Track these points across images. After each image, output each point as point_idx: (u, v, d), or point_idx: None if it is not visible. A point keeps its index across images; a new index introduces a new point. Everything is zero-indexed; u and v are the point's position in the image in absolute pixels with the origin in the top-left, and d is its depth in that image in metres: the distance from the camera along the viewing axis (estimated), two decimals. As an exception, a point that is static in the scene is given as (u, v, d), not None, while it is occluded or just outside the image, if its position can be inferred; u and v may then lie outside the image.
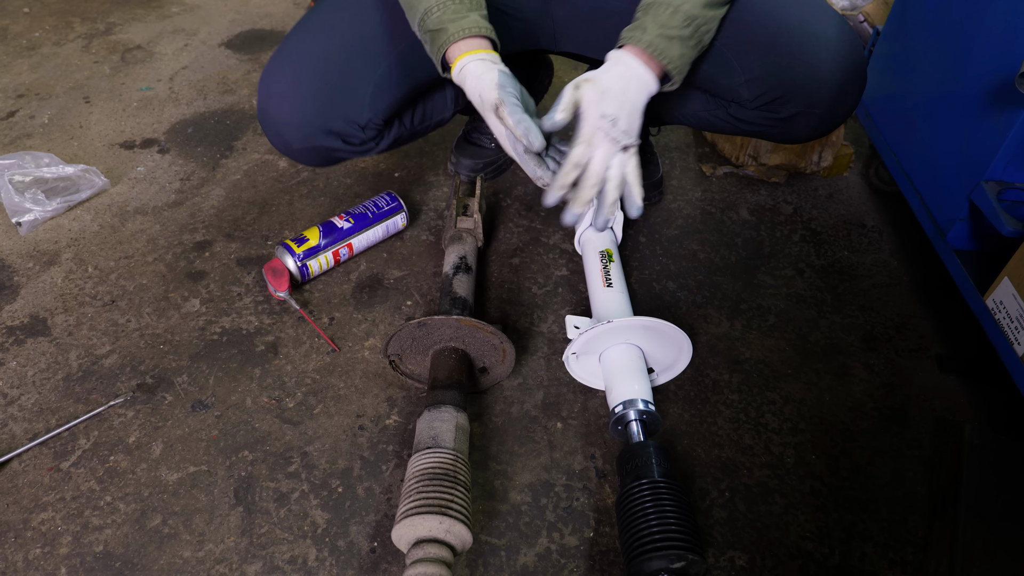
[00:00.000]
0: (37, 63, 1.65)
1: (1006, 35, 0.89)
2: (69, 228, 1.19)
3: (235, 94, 1.56)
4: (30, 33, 1.77)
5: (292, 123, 0.90)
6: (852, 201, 1.33)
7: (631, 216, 0.81)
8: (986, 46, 0.93)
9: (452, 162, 1.33)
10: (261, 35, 1.81)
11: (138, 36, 1.78)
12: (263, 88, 0.92)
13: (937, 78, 1.05)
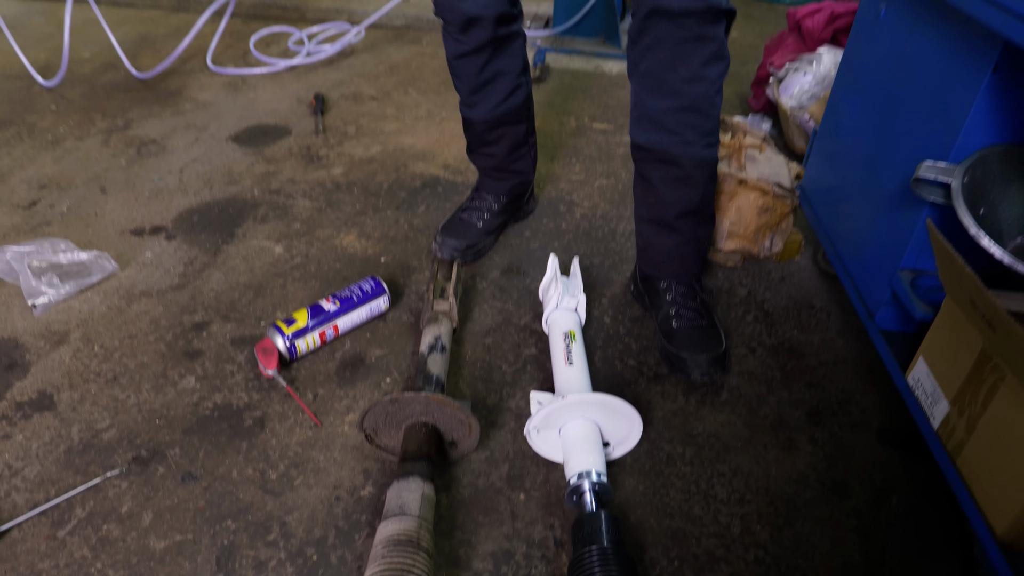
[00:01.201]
0: (60, 156, 1.78)
1: (907, 143, 1.00)
2: (79, 309, 1.27)
3: (239, 184, 1.68)
4: (55, 128, 1.91)
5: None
6: (802, 284, 1.42)
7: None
8: (893, 151, 1.04)
9: (437, 242, 1.43)
10: (265, 130, 1.95)
11: (153, 131, 1.92)
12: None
13: (860, 175, 1.15)
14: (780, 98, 1.79)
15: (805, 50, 1.86)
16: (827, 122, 1.33)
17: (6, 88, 2.15)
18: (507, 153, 1.43)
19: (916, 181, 0.90)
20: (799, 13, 1.92)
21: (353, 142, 1.90)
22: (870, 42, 1.16)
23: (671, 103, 1.09)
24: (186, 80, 2.24)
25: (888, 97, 1.08)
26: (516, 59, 1.33)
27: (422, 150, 1.87)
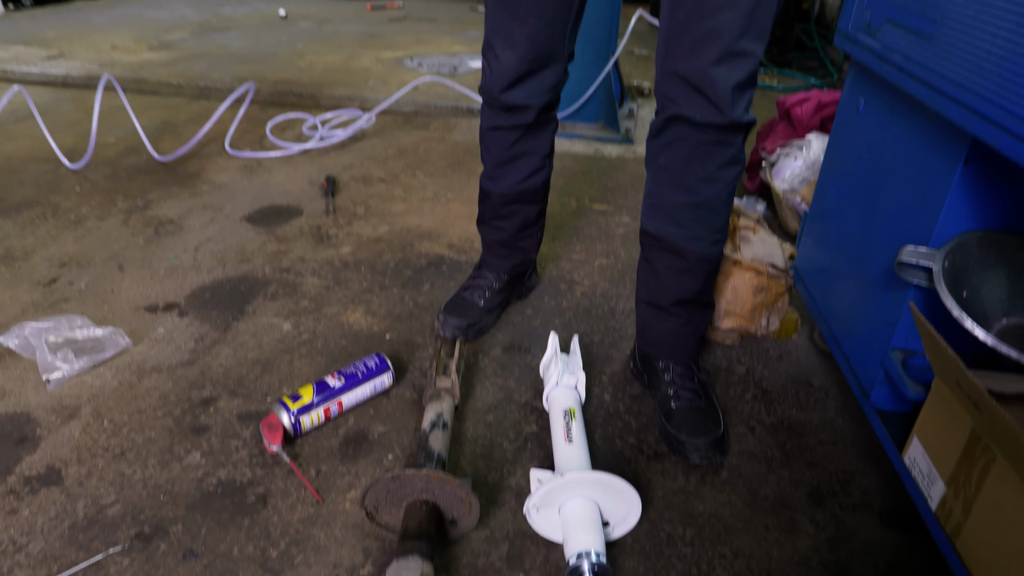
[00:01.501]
0: (81, 235, 1.85)
1: (890, 228, 1.05)
2: (91, 384, 1.30)
3: (251, 263, 1.74)
4: (78, 209, 1.99)
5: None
6: (800, 362, 1.44)
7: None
8: (878, 235, 1.09)
9: (439, 321, 1.46)
10: (278, 211, 2.02)
11: (171, 211, 1.99)
12: None
13: (849, 257, 1.19)
14: (773, 181, 1.86)
15: (795, 136, 1.94)
16: (816, 206, 1.38)
17: (35, 171, 2.25)
18: (517, 230, 1.49)
19: (899, 265, 0.94)
20: (788, 102, 2.02)
21: (362, 222, 1.97)
22: (851, 133, 1.22)
23: (685, 198, 1.15)
24: (205, 163, 2.34)
25: (871, 184, 1.13)
26: (546, 141, 1.39)
27: (428, 230, 1.93)
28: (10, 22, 4.58)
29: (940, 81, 0.87)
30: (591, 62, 2.60)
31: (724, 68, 1.00)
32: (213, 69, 3.48)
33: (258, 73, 3.41)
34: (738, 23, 0.97)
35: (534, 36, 1.18)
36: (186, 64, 3.58)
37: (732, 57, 0.99)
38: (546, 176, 1.43)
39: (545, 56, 1.22)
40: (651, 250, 1.24)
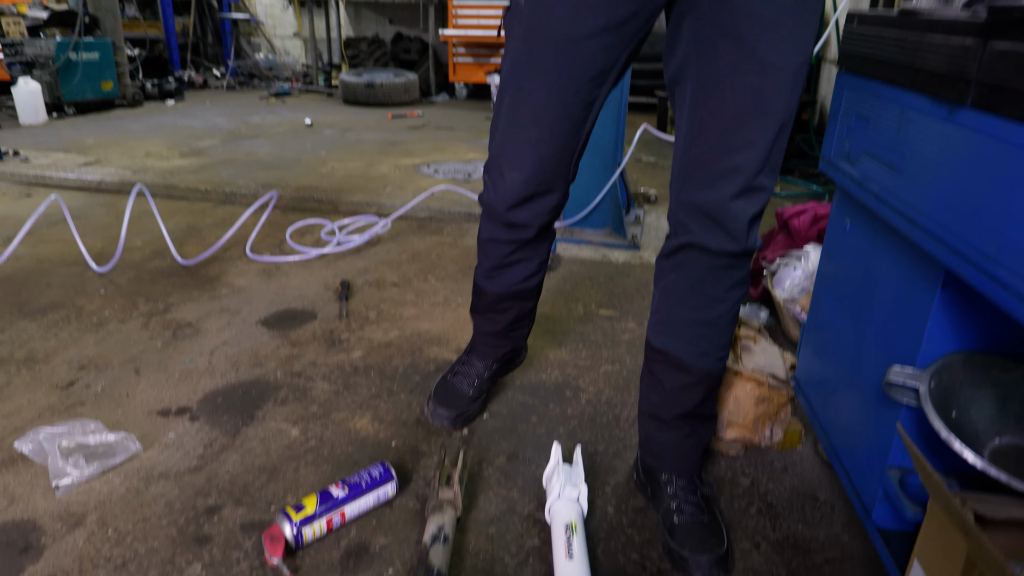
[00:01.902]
0: (102, 338, 1.92)
1: (879, 345, 1.08)
2: (99, 491, 1.33)
3: (263, 367, 1.79)
4: (101, 312, 2.08)
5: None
6: (805, 474, 1.43)
7: None
8: (869, 351, 1.12)
9: (428, 408, 1.52)
10: (293, 314, 2.10)
11: (190, 315, 2.07)
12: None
13: (844, 371, 1.22)
14: (773, 290, 1.91)
15: (794, 246, 2.01)
16: (812, 318, 1.43)
17: (63, 273, 2.36)
18: (510, 323, 1.54)
19: (888, 385, 0.97)
20: (787, 213, 2.10)
21: (373, 327, 2.03)
22: (840, 250, 1.28)
23: (692, 316, 1.20)
24: (225, 267, 2.45)
25: (860, 301, 1.18)
26: (543, 250, 1.46)
27: (437, 335, 1.99)
28: (53, 129, 4.90)
29: (913, 212, 0.93)
30: (598, 171, 2.73)
31: (742, 202, 1.07)
32: (239, 175, 3.68)
33: (282, 179, 3.60)
34: (757, 161, 1.04)
35: (543, 161, 1.23)
36: (214, 170, 3.79)
37: (750, 192, 1.06)
38: (540, 279, 1.49)
39: (551, 180, 1.28)
40: (656, 364, 1.28)
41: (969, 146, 0.80)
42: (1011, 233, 0.72)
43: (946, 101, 0.85)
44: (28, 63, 5.29)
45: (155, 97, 6.27)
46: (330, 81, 7.33)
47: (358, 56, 7.22)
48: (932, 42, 0.88)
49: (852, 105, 1.15)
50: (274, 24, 8.21)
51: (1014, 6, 0.71)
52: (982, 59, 0.77)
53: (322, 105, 6.32)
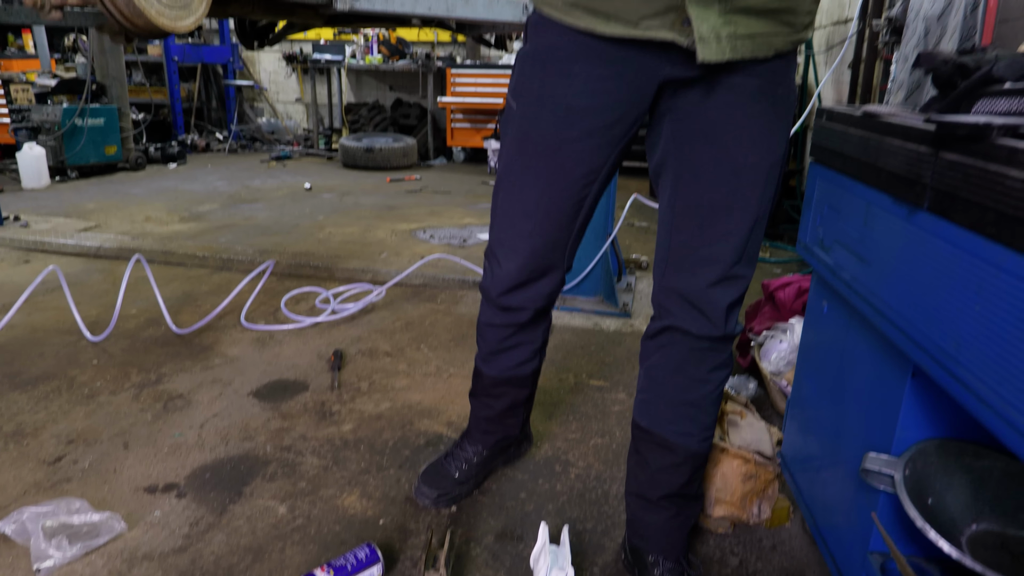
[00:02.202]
0: (92, 410, 1.93)
1: (857, 428, 1.11)
2: (80, 574, 1.32)
3: (253, 440, 1.80)
4: (93, 383, 2.10)
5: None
6: (794, 552, 1.43)
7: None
8: (847, 433, 1.14)
9: (415, 486, 1.55)
10: (285, 385, 2.11)
11: (182, 386, 2.09)
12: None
13: (825, 451, 1.24)
14: (760, 362, 1.94)
15: (780, 319, 2.05)
16: (795, 394, 1.45)
17: (56, 343, 2.38)
18: (504, 409, 1.56)
19: (864, 471, 0.98)
20: (772, 285, 2.15)
21: (365, 398, 2.04)
22: (819, 331, 1.32)
23: (676, 397, 1.24)
24: (219, 335, 2.47)
25: (838, 382, 1.21)
26: (539, 336, 1.49)
27: (428, 407, 2.00)
28: (55, 193, 5.00)
29: (881, 304, 0.97)
30: (589, 240, 2.79)
31: (720, 289, 1.13)
32: (237, 241, 3.74)
33: (279, 245, 3.66)
34: (733, 252, 1.11)
35: (536, 251, 1.29)
36: (212, 236, 3.86)
37: (727, 280, 1.13)
38: (536, 366, 1.52)
39: (544, 268, 1.33)
40: (642, 443, 1.31)
41: (927, 248, 0.84)
42: (968, 334, 0.76)
43: (906, 202, 0.90)
44: (34, 128, 5.44)
45: (158, 160, 6.41)
46: (330, 145, 7.51)
47: (358, 121, 7.42)
48: (891, 146, 0.94)
49: (824, 195, 1.21)
50: (277, 90, 8.46)
51: (960, 123, 0.76)
52: (935, 167, 0.82)
53: (322, 169, 6.46)
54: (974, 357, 0.75)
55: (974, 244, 0.75)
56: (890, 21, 2.25)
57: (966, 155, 0.76)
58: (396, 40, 7.33)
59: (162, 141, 6.87)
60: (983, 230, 0.73)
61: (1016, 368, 0.69)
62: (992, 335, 0.72)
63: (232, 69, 8.02)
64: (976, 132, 0.73)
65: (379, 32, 7.35)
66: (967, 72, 0.93)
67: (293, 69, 8.19)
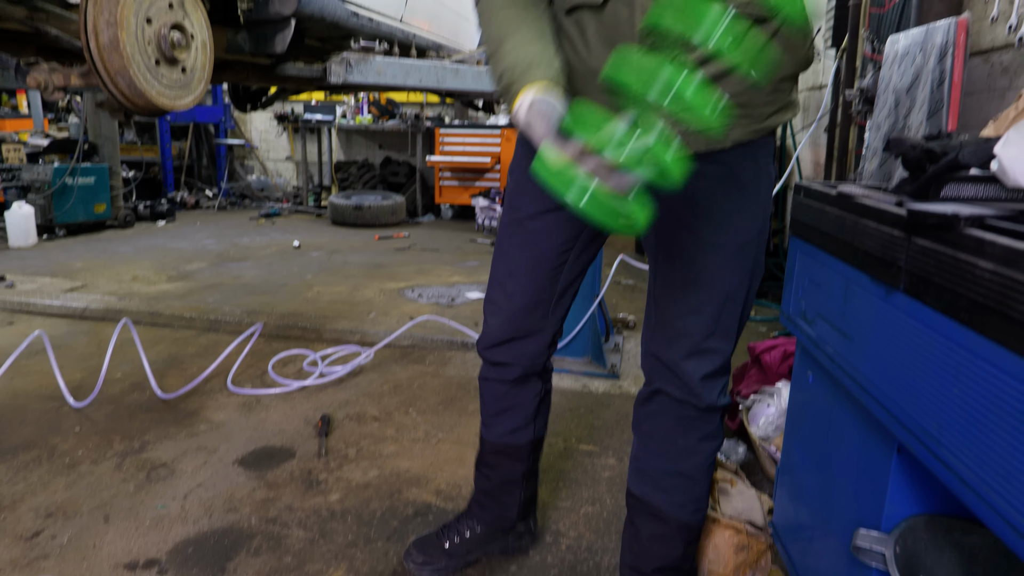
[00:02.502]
0: (73, 481, 1.89)
1: (846, 501, 1.11)
2: (57, 659, 1.27)
3: (238, 512, 1.76)
4: (74, 451, 2.06)
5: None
6: (789, 628, 1.41)
7: None
8: (837, 507, 1.14)
9: (406, 549, 1.56)
10: (271, 452, 2.09)
11: (166, 454, 2.06)
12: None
13: (817, 522, 1.24)
14: (749, 427, 1.94)
15: (766, 382, 2.07)
16: (784, 462, 1.45)
17: (38, 409, 2.35)
18: (501, 483, 1.55)
19: (855, 548, 0.99)
20: (758, 348, 2.18)
21: (352, 465, 2.02)
22: (805, 400, 1.33)
23: (668, 466, 1.27)
24: (205, 400, 2.45)
25: (825, 453, 1.22)
26: (532, 400, 1.49)
27: (417, 474, 1.98)
28: (42, 252, 4.99)
29: (863, 380, 0.99)
30: (577, 300, 2.81)
31: (693, 362, 1.17)
32: (225, 301, 3.74)
33: (267, 305, 3.66)
34: (704, 326, 1.16)
35: (517, 311, 1.35)
36: (200, 295, 3.86)
37: (700, 353, 1.17)
38: (530, 437, 1.51)
39: (527, 328, 1.37)
40: (636, 512, 1.33)
41: (905, 328, 0.87)
42: (948, 416, 0.78)
43: (883, 282, 0.93)
44: (24, 187, 5.46)
45: (147, 218, 6.44)
46: (319, 202, 7.59)
47: (348, 179, 7.52)
48: (867, 227, 0.98)
49: (805, 268, 1.24)
50: (268, 148, 8.59)
51: (930, 212, 0.80)
52: (908, 251, 0.86)
53: (311, 226, 6.51)
54: (955, 439, 0.76)
55: (950, 328, 0.78)
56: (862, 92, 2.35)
57: (937, 243, 0.80)
58: (386, 101, 7.50)
59: (152, 199, 6.91)
60: (957, 315, 0.76)
61: (995, 453, 0.70)
62: (971, 418, 0.74)
63: (224, 128, 8.15)
64: (945, 222, 0.77)
65: (370, 94, 7.53)
66: (935, 157, 0.98)
67: (284, 128, 8.33)
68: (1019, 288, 0.66)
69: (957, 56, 1.72)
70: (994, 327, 0.69)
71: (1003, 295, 0.68)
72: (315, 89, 3.28)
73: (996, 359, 0.70)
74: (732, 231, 1.13)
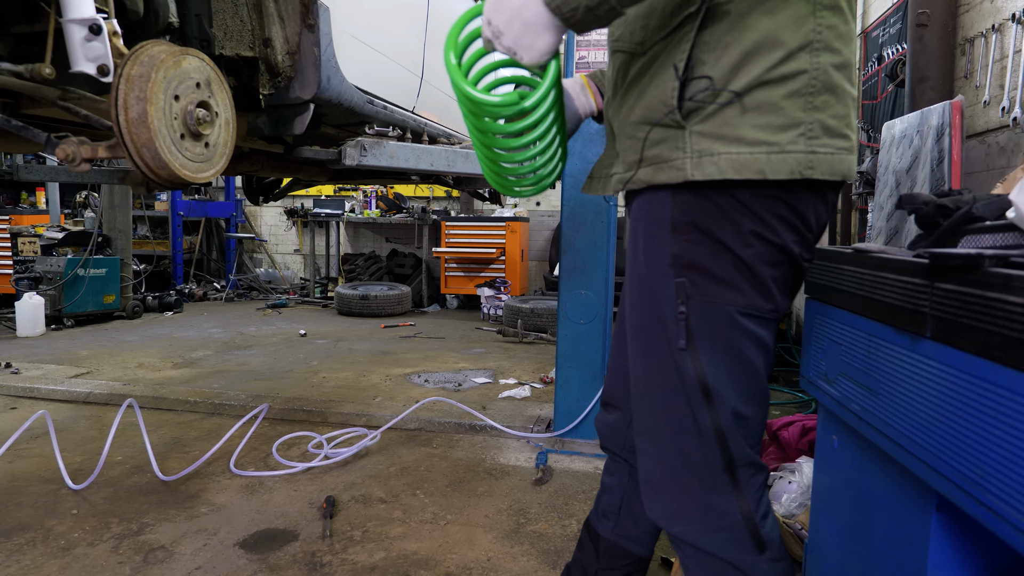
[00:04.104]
0: (67, 564, 1.81)
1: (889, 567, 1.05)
2: None
3: (238, 597, 1.67)
4: (70, 534, 1.98)
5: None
6: None
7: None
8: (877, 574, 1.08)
9: None
10: (273, 535, 2.00)
11: (164, 536, 1.97)
12: None
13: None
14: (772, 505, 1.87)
15: (786, 459, 2.01)
16: (813, 539, 1.39)
17: (36, 491, 2.27)
18: None
19: (900, 616, 0.93)
20: (775, 425, 2.13)
21: (358, 547, 1.93)
22: (832, 468, 1.29)
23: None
24: (207, 482, 2.38)
25: (857, 522, 1.16)
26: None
27: (425, 556, 1.89)
28: (49, 341, 4.99)
29: (894, 434, 0.96)
30: (587, 382, 2.79)
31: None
32: (230, 386, 3.70)
33: (272, 390, 3.61)
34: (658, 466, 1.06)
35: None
36: (205, 381, 3.82)
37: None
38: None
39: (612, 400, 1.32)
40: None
41: (936, 375, 0.86)
42: (992, 460, 0.75)
43: (908, 331, 0.92)
44: (35, 278, 5.53)
45: (155, 309, 6.47)
46: (326, 293, 7.66)
47: (354, 270, 7.62)
48: (886, 279, 0.98)
49: (823, 329, 1.24)
50: (276, 241, 8.75)
51: (952, 253, 0.81)
52: (932, 297, 0.86)
53: (317, 316, 6.53)
54: (1002, 483, 0.73)
55: (984, 369, 0.76)
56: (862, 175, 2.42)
57: (962, 284, 0.80)
58: (394, 195, 7.72)
59: (160, 290, 6.99)
60: (991, 355, 0.75)
61: (1047, 493, 0.67)
62: (1017, 459, 0.71)
63: (234, 223, 8.35)
64: (969, 262, 0.77)
65: (377, 188, 7.76)
66: (948, 212, 1.00)
67: (294, 223, 8.53)
68: (1054, 319, 0.65)
69: (955, 135, 1.78)
70: (1032, 361, 0.68)
71: (1038, 327, 0.67)
72: (327, 179, 3.38)
73: (1037, 394, 0.68)
74: (634, 265, 1.05)
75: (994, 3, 2.13)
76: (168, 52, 1.49)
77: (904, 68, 2.44)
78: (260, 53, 1.90)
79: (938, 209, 1.00)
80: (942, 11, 2.34)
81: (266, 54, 1.90)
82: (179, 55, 1.52)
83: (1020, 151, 1.88)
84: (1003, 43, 2.05)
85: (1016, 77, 1.93)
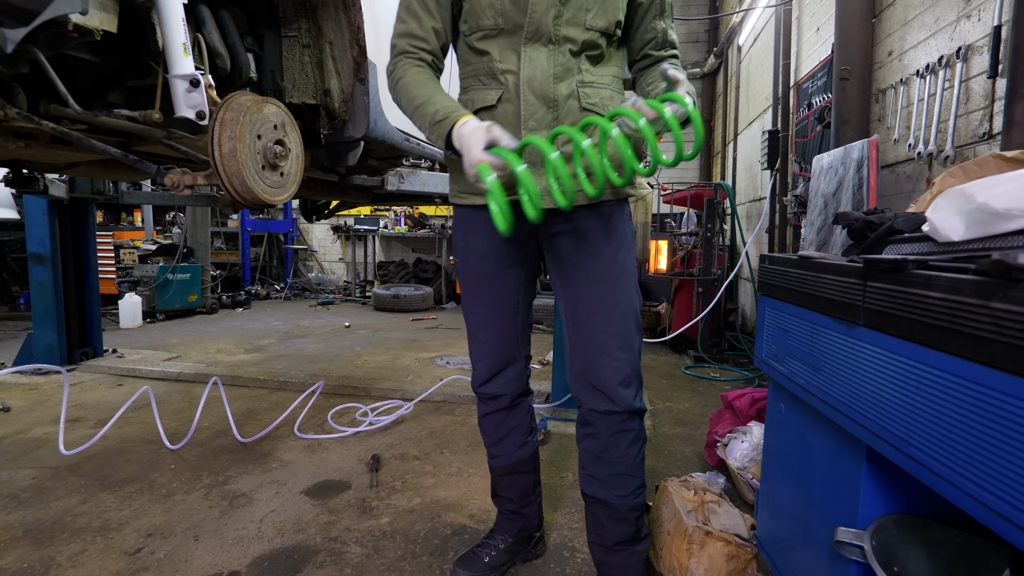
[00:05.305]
0: (169, 508, 1.81)
1: (825, 508, 1.06)
2: (153, 657, 1.18)
3: (305, 532, 1.68)
4: (170, 484, 1.99)
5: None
6: (778, 629, 1.31)
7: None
8: (817, 514, 1.10)
9: (451, 570, 1.46)
10: (331, 485, 2.01)
11: (245, 486, 1.98)
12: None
13: (798, 531, 1.18)
14: (727, 459, 1.88)
15: (739, 423, 2.02)
16: (764, 485, 1.40)
17: (140, 451, 2.28)
18: (518, 498, 1.49)
19: (838, 543, 0.94)
20: (730, 396, 2.14)
21: (399, 495, 1.94)
22: (780, 430, 1.30)
23: (608, 470, 1.28)
24: (276, 444, 2.38)
25: (803, 471, 1.18)
26: (525, 418, 1.47)
27: (453, 502, 1.90)
28: (145, 332, 4.99)
29: (834, 401, 0.98)
30: (577, 364, 2.80)
31: (609, 370, 1.21)
32: (291, 367, 3.70)
33: (325, 370, 3.62)
34: (612, 339, 1.20)
35: (495, 351, 1.38)
36: (271, 363, 3.82)
37: (612, 361, 1.20)
38: (533, 449, 1.48)
39: (505, 360, 1.39)
40: (592, 506, 1.33)
41: (869, 355, 0.87)
42: (916, 420, 0.77)
43: (844, 320, 0.94)
44: (134, 282, 5.53)
45: (228, 306, 6.47)
46: (365, 293, 7.66)
47: (387, 275, 7.62)
48: (827, 279, 1.00)
49: (773, 320, 1.25)
50: (325, 252, 8.75)
51: (883, 258, 0.82)
52: (865, 293, 0.87)
53: (358, 311, 6.53)
54: (923, 438, 0.75)
55: (908, 349, 0.78)
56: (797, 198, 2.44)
57: (890, 283, 0.81)
58: (419, 214, 7.72)
59: (232, 291, 6.98)
60: (913, 338, 0.77)
61: (959, 444, 0.69)
62: (935, 419, 0.73)
63: (291, 237, 8.35)
64: (896, 265, 0.79)
65: (405, 209, 7.76)
66: (874, 226, 1.01)
67: (338, 236, 8.52)
68: (965, 309, 0.67)
69: (871, 166, 1.80)
70: (948, 342, 0.70)
71: (952, 316, 0.69)
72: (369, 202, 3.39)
73: (952, 367, 0.70)
74: (606, 264, 1.20)
75: (902, 61, 2.14)
76: (253, 100, 1.50)
77: (830, 113, 2.46)
78: (321, 101, 1.91)
79: (866, 224, 1.02)
80: (860, 67, 2.36)
81: (326, 102, 1.91)
82: (261, 103, 1.54)
83: (923, 178, 1.90)
84: (909, 93, 2.07)
85: (920, 120, 1.94)
